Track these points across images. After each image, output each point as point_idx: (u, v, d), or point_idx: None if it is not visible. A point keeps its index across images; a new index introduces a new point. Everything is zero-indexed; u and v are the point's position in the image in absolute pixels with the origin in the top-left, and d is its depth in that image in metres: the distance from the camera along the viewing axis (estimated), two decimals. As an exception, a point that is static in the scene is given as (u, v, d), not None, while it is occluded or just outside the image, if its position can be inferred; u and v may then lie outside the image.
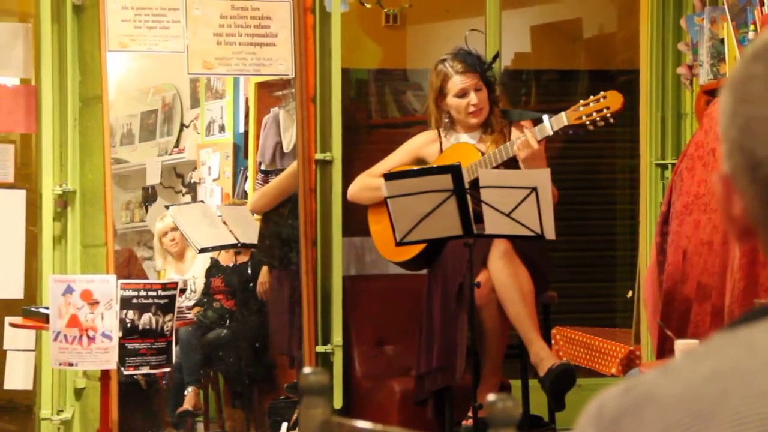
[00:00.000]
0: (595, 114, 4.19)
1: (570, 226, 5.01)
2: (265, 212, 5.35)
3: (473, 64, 4.45)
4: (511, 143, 4.29)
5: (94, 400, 4.67)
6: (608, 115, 4.21)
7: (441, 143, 4.52)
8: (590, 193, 5.79)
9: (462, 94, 4.43)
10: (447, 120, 4.50)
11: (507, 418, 1.38)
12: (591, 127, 4.22)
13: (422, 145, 4.57)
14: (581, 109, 4.22)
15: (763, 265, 3.69)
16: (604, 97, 4.22)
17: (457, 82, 4.43)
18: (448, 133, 4.52)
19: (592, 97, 4.23)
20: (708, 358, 0.93)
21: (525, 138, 4.18)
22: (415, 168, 4.22)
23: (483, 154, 4.38)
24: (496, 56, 4.60)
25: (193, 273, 5.53)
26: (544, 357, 4.11)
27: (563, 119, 4.21)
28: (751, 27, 4.10)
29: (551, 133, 4.20)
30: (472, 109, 4.42)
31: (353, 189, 4.62)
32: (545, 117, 4.23)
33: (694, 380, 0.91)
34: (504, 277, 4.16)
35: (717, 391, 0.89)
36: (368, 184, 4.49)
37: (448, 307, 4.19)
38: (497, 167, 4.27)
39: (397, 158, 4.58)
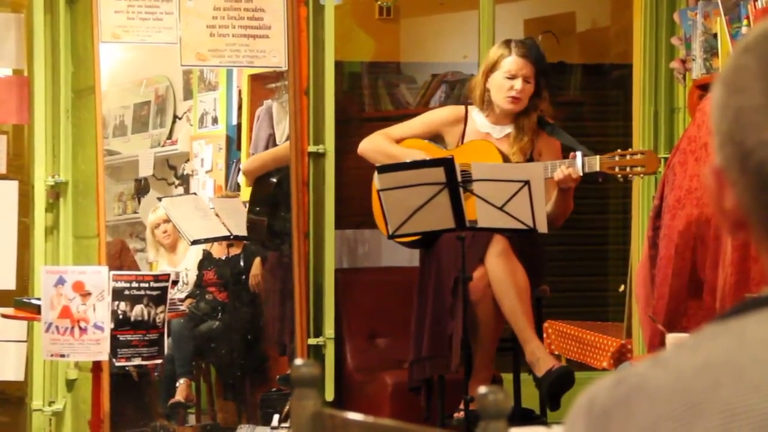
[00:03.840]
0: (628, 169, 4.19)
1: (562, 220, 5.01)
2: (256, 180, 5.35)
3: (535, 57, 4.36)
4: (546, 165, 4.21)
5: (86, 391, 4.67)
6: (641, 174, 4.21)
7: (465, 126, 4.45)
8: (583, 187, 5.79)
9: (511, 76, 4.33)
10: (487, 99, 4.41)
11: (497, 411, 1.38)
12: (621, 180, 4.22)
13: (446, 122, 4.46)
14: (617, 158, 4.18)
15: (755, 259, 3.70)
16: (642, 154, 4.20)
17: (511, 62, 4.32)
18: (480, 114, 4.44)
19: (630, 150, 4.22)
20: (699, 350, 0.93)
21: (570, 174, 4.13)
22: (408, 161, 4.20)
23: (503, 156, 4.31)
24: (561, 65, 4.52)
25: (185, 265, 5.53)
26: (540, 357, 4.11)
27: (596, 164, 4.18)
28: (744, 22, 4.11)
29: (581, 174, 4.17)
30: (513, 93, 4.31)
31: (366, 145, 4.46)
32: (579, 154, 4.17)
33: (684, 372, 0.91)
34: (501, 274, 4.15)
35: (708, 383, 0.90)
36: (382, 149, 4.39)
37: (441, 299, 4.19)
38: None
39: (418, 127, 4.46)
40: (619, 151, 4.20)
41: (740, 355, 0.90)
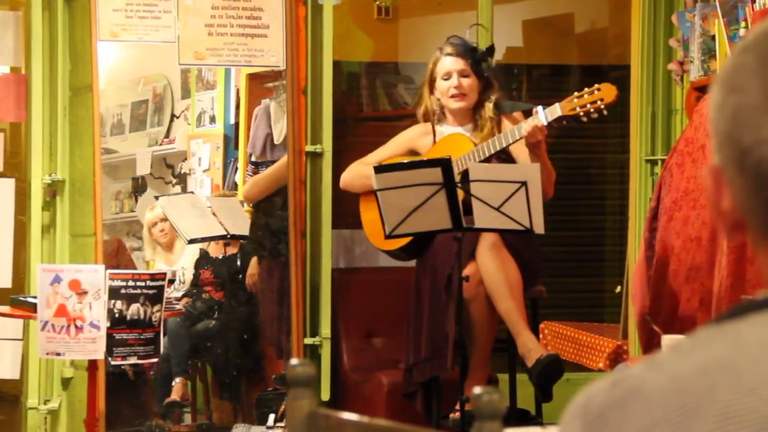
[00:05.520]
0: (589, 105, 4.21)
1: (559, 221, 5.02)
2: (256, 202, 5.36)
3: (464, 50, 4.47)
4: (507, 133, 4.30)
5: (82, 390, 4.66)
6: (602, 107, 4.22)
7: (434, 135, 4.52)
8: (580, 189, 5.80)
9: (447, 77, 4.44)
10: (438, 109, 4.50)
11: (493, 411, 1.38)
12: (584, 119, 4.23)
13: (415, 137, 4.58)
14: (575, 100, 4.23)
15: (751, 261, 3.70)
16: (599, 89, 4.23)
17: (444, 63, 4.46)
18: (440, 124, 4.53)
19: (586, 89, 4.25)
20: (695, 352, 0.93)
21: (534, 124, 4.18)
22: (405, 161, 4.22)
23: (474, 144, 4.38)
24: (490, 49, 4.60)
25: (182, 264, 5.53)
26: (532, 348, 4.12)
27: (557, 110, 4.22)
28: (742, 24, 4.11)
29: (545, 124, 4.21)
30: (453, 92, 4.43)
31: (346, 177, 4.63)
32: (539, 108, 4.24)
33: (680, 375, 0.91)
34: (492, 268, 4.16)
35: (704, 385, 0.89)
36: (361, 172, 4.49)
37: (437, 298, 4.19)
38: (490, 158, 4.29)
39: (391, 149, 4.60)
40: (575, 93, 4.24)
41: (736, 358, 0.90)
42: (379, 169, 4.11)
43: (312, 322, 5.00)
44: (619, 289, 5.18)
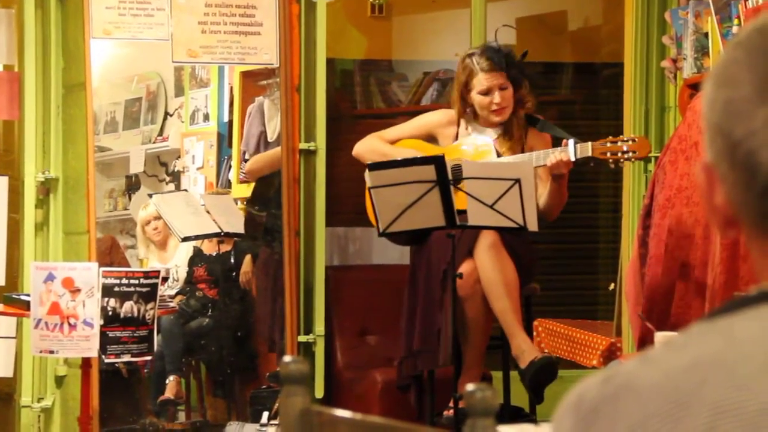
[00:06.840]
0: (620, 154, 4.20)
1: (553, 219, 5.02)
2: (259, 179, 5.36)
3: (500, 62, 4.36)
4: (533, 156, 4.25)
5: (75, 388, 4.66)
6: (633, 158, 4.22)
7: (458, 128, 4.47)
8: (573, 186, 5.79)
9: (486, 92, 4.37)
10: (470, 112, 4.45)
11: (485, 408, 1.39)
12: (612, 166, 4.23)
13: (439, 124, 4.50)
14: (608, 144, 4.21)
15: (744, 258, 3.70)
16: (634, 141, 4.22)
17: (482, 80, 4.35)
18: (469, 123, 4.47)
19: (622, 136, 4.23)
20: (687, 348, 0.93)
21: (562, 158, 4.15)
22: (399, 158, 4.21)
23: (498, 154, 4.35)
24: (524, 55, 4.53)
25: (175, 262, 5.52)
26: (525, 349, 4.12)
27: (588, 150, 4.20)
28: (735, 21, 4.11)
29: (573, 160, 4.19)
30: (494, 107, 4.35)
31: (361, 147, 4.52)
32: (571, 142, 4.20)
33: (673, 370, 0.91)
34: (490, 269, 4.16)
35: (696, 380, 0.90)
36: (377, 149, 4.43)
37: (431, 293, 4.19)
38: None
39: (411, 129, 4.52)
40: (610, 137, 4.22)
41: (728, 354, 0.90)
42: (373, 166, 4.11)
43: (306, 320, 5.00)
44: (612, 286, 5.19)
